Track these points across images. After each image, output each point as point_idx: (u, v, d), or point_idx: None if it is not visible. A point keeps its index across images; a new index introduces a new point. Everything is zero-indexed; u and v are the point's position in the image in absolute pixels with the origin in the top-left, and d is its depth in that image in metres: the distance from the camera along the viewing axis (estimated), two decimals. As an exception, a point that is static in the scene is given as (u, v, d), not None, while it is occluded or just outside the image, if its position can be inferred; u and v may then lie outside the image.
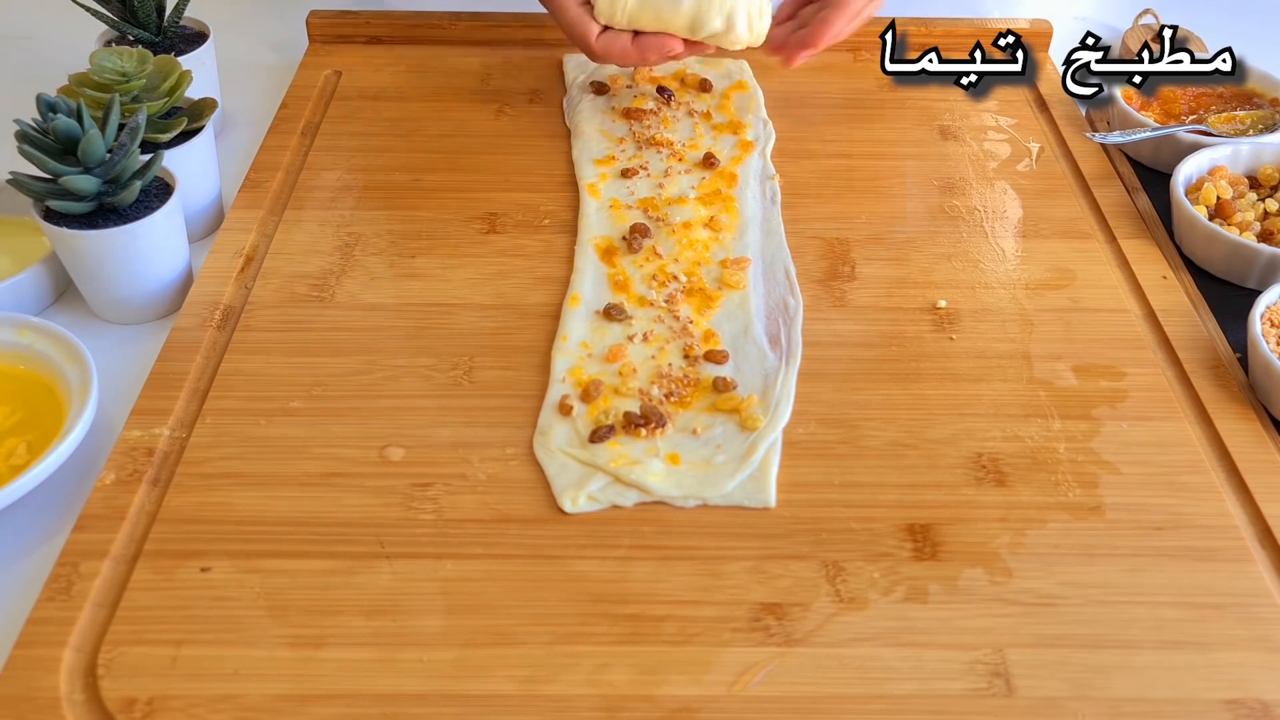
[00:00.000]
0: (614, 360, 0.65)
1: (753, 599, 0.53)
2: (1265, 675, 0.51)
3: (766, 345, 0.66)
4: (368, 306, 0.69)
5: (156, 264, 0.69)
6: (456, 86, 0.91)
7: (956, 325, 0.69)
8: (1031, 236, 0.77)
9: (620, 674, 0.50)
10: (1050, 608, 0.53)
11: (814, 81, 0.92)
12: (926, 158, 0.84)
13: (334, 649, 0.51)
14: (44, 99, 0.65)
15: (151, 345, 0.67)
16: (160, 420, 0.61)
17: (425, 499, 0.57)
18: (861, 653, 0.51)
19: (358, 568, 0.54)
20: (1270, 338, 0.64)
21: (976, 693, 0.50)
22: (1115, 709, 0.49)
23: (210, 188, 0.78)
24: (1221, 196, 0.75)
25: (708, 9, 0.77)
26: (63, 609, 0.52)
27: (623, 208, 0.77)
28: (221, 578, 0.54)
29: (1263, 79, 0.86)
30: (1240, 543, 0.57)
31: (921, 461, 0.60)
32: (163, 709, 0.48)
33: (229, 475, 0.58)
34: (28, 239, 0.72)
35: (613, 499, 0.58)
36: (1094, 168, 0.83)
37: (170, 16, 0.83)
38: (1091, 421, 0.63)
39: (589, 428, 0.61)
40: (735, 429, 0.61)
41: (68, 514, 0.57)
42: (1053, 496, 0.59)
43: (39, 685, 0.49)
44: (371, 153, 0.83)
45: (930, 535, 0.56)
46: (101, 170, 0.65)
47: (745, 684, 0.50)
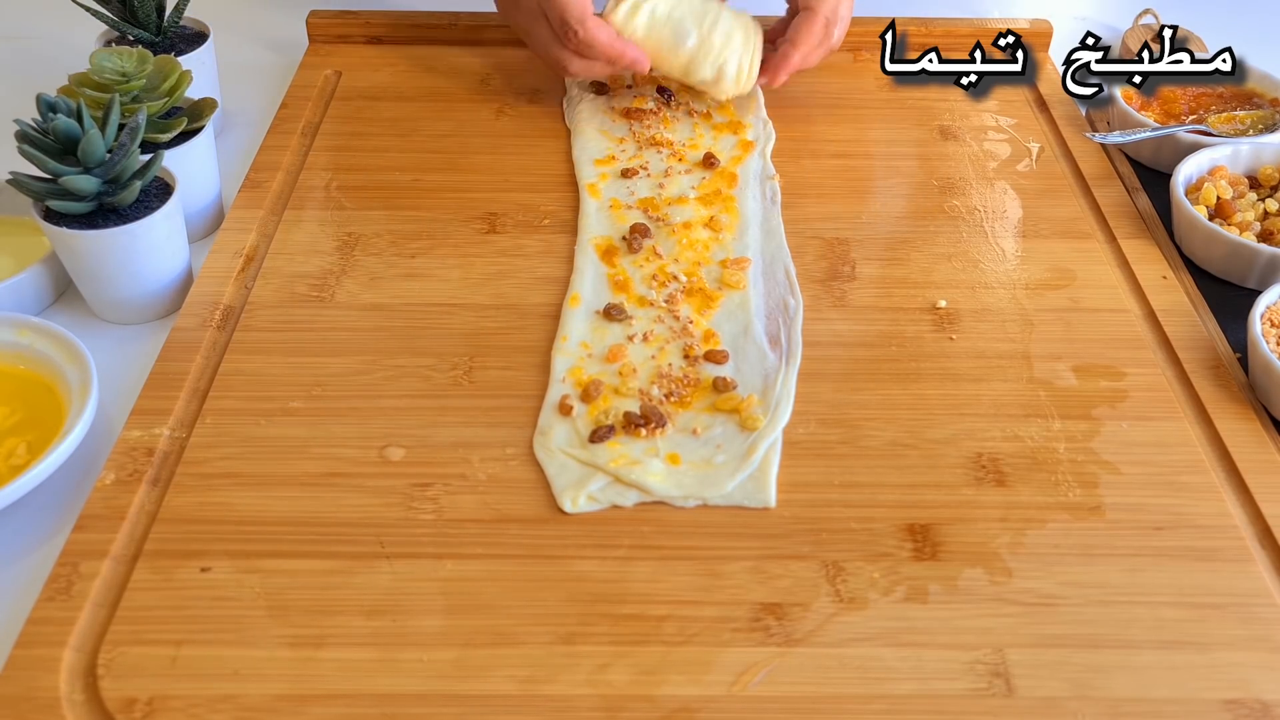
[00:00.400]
0: (614, 360, 0.65)
1: (753, 599, 0.53)
2: (1265, 675, 0.51)
3: (766, 345, 0.66)
4: (368, 306, 0.69)
5: (156, 264, 0.69)
6: (456, 86, 0.91)
7: (956, 325, 0.69)
8: (1031, 236, 0.77)
9: (620, 674, 0.50)
10: (1050, 608, 0.53)
11: (814, 81, 0.92)
12: (926, 158, 0.85)
13: (334, 649, 0.51)
14: (44, 99, 0.65)
15: (151, 345, 0.67)
16: (160, 420, 0.61)
17: (425, 499, 0.57)
18: (861, 653, 0.51)
19: (358, 568, 0.54)
20: (1270, 338, 0.64)
21: (976, 693, 0.50)
22: (1115, 709, 0.49)
23: (210, 188, 0.78)
24: (1221, 196, 0.75)
25: (702, 59, 0.82)
26: (63, 609, 0.52)
27: (623, 208, 0.77)
28: (221, 578, 0.54)
29: (1263, 79, 0.86)
30: (1240, 543, 0.57)
31: (921, 461, 0.60)
32: (163, 709, 0.48)
33: (229, 475, 0.58)
34: (28, 239, 0.72)
35: (613, 499, 0.58)
36: (1094, 168, 0.83)
37: (170, 16, 0.83)
38: (1091, 421, 0.63)
39: (589, 428, 0.61)
40: (735, 429, 0.61)
41: (68, 514, 0.57)
42: (1053, 496, 0.59)
43: (39, 685, 0.49)
44: (371, 153, 0.83)
45: (930, 535, 0.56)
46: (101, 170, 0.65)
47: (745, 684, 0.50)
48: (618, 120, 0.85)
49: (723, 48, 0.82)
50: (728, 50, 0.82)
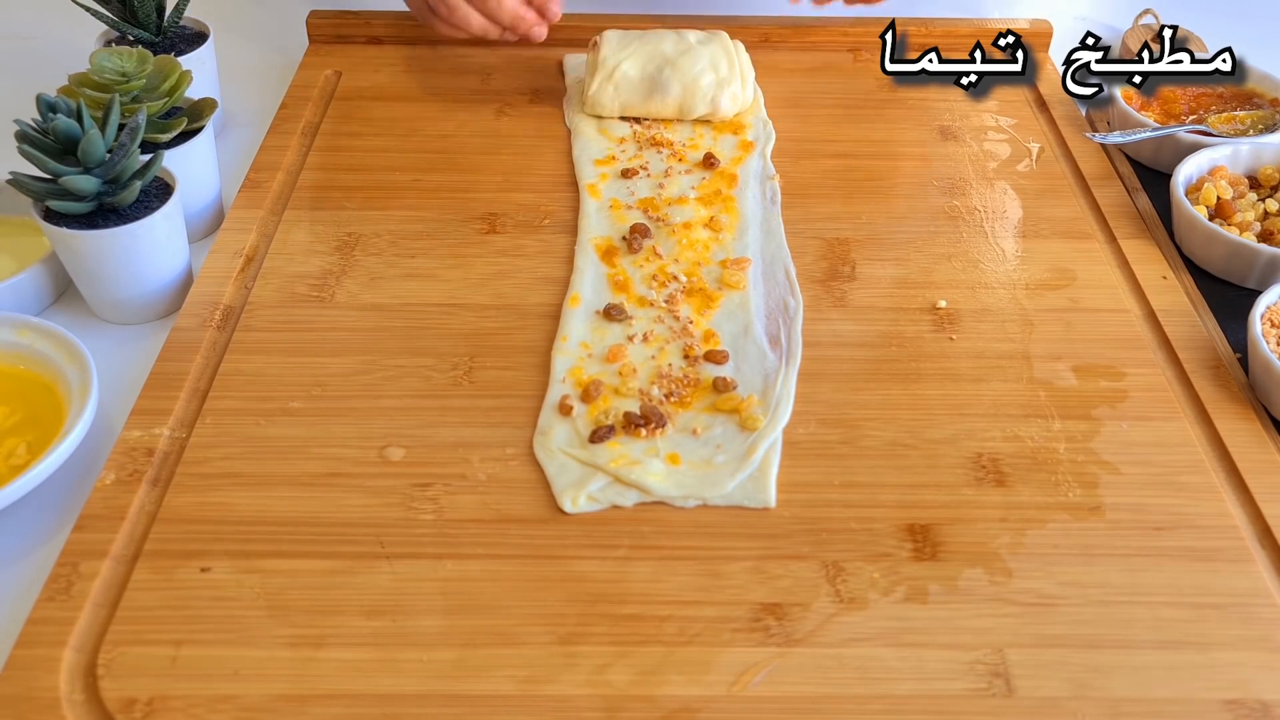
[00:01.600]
0: (614, 360, 0.65)
1: (753, 599, 0.53)
2: (1265, 675, 0.51)
3: (766, 345, 0.66)
4: (368, 306, 0.69)
5: (156, 264, 0.69)
6: (456, 86, 0.91)
7: (956, 325, 0.69)
8: (1031, 236, 0.77)
9: (620, 674, 0.50)
10: (1050, 608, 0.53)
11: (814, 81, 0.92)
12: (926, 158, 0.85)
13: (334, 649, 0.51)
14: (44, 99, 0.65)
15: (151, 345, 0.67)
16: (160, 420, 0.61)
17: (425, 499, 0.57)
18: (861, 653, 0.51)
19: (358, 568, 0.54)
20: (1270, 338, 0.64)
21: (976, 693, 0.50)
22: (1115, 709, 0.49)
23: (210, 188, 0.78)
24: (1221, 197, 0.75)
25: (691, 99, 0.84)
26: (63, 609, 0.52)
27: (623, 208, 0.77)
28: (221, 578, 0.53)
29: (1263, 79, 0.86)
30: (1240, 543, 0.57)
31: (921, 461, 0.60)
32: (162, 709, 0.48)
33: (229, 475, 0.58)
34: (28, 239, 0.72)
35: (613, 499, 0.58)
36: (1094, 168, 0.83)
37: (170, 16, 0.83)
38: (1091, 422, 0.63)
39: (589, 428, 0.61)
40: (735, 429, 0.61)
41: (68, 514, 0.57)
42: (1053, 497, 0.59)
43: (39, 685, 0.49)
44: (371, 153, 0.83)
45: (930, 535, 0.56)
46: (101, 170, 0.65)
47: (745, 684, 0.50)
48: (618, 121, 0.86)
49: (709, 82, 0.84)
50: (713, 82, 0.84)
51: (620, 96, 0.84)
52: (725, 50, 0.85)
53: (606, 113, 0.85)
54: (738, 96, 0.85)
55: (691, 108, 0.84)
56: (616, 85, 0.84)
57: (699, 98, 0.84)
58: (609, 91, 0.84)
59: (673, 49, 0.85)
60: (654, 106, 0.84)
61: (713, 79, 0.84)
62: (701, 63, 0.84)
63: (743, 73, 0.85)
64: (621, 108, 0.85)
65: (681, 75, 0.83)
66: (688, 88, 0.83)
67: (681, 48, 0.85)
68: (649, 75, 0.84)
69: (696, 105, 0.84)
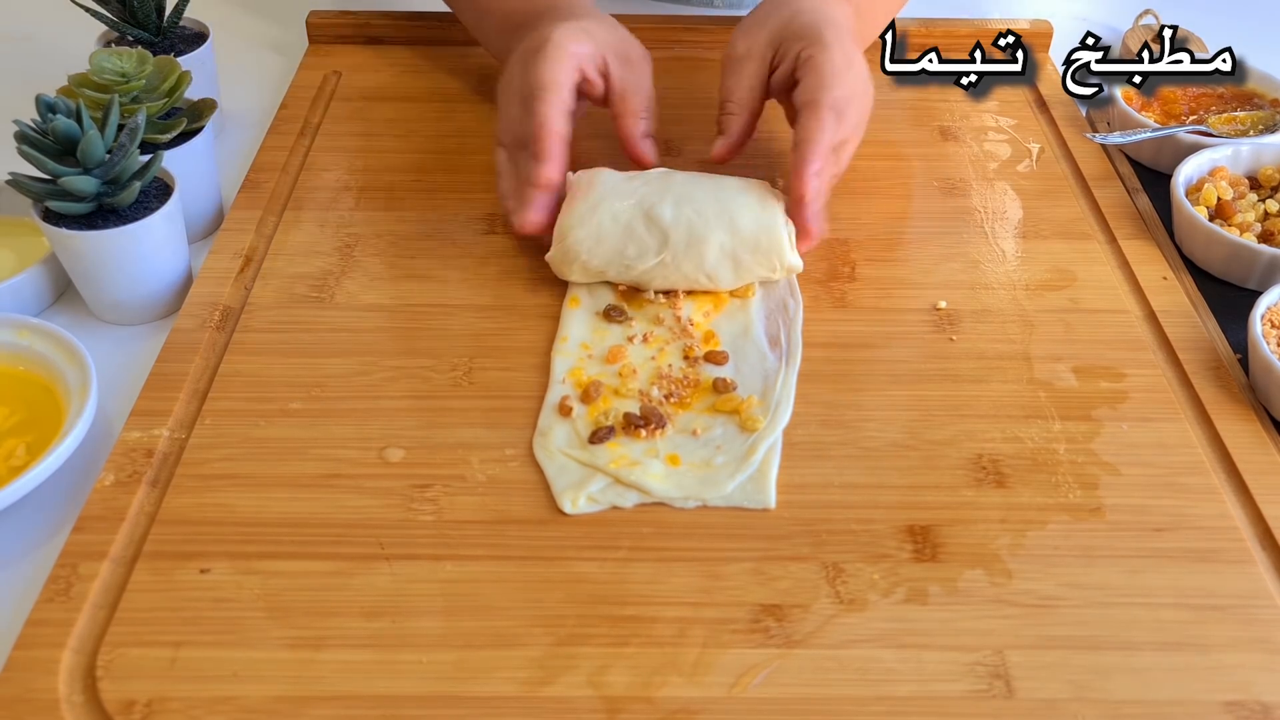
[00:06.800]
0: (614, 361, 0.65)
1: (752, 600, 0.53)
2: (1266, 677, 0.51)
3: (766, 346, 0.66)
4: (367, 307, 0.69)
5: (156, 265, 0.69)
6: (456, 86, 0.91)
7: (956, 326, 0.69)
8: (1032, 237, 0.77)
9: (620, 675, 0.50)
10: (1050, 609, 0.53)
11: (814, 82, 0.92)
12: (926, 158, 0.84)
13: (333, 651, 0.51)
14: (43, 99, 0.65)
15: (151, 346, 0.67)
16: (160, 421, 0.61)
17: (425, 500, 0.57)
18: (861, 654, 0.51)
19: (357, 569, 0.54)
20: (1271, 339, 0.64)
21: (977, 694, 0.50)
22: (1115, 711, 0.49)
23: (210, 188, 0.78)
24: (1222, 197, 0.75)
25: (695, 275, 0.68)
26: (62, 610, 0.52)
27: (623, 208, 0.77)
28: (221, 579, 0.53)
29: (1263, 79, 0.86)
30: (1241, 544, 0.56)
31: (921, 463, 0.60)
32: (162, 710, 0.48)
33: (228, 476, 0.58)
34: (28, 239, 0.72)
35: (612, 500, 0.58)
36: (1094, 168, 0.83)
37: (170, 17, 0.83)
38: (1092, 423, 0.63)
39: (589, 429, 0.60)
40: (735, 430, 0.61)
41: (67, 515, 0.57)
42: (1053, 498, 0.59)
43: (38, 687, 0.49)
44: (371, 153, 0.83)
45: (930, 536, 0.56)
46: (101, 171, 0.65)
47: (745, 685, 0.50)
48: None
49: (737, 245, 0.67)
50: (746, 246, 0.68)
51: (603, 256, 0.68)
52: (760, 200, 0.69)
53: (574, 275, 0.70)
54: (780, 266, 0.69)
55: (718, 278, 0.69)
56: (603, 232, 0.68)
57: (703, 275, 0.68)
58: (587, 250, 0.68)
59: (686, 186, 0.69)
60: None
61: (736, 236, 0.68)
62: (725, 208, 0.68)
63: (790, 240, 0.69)
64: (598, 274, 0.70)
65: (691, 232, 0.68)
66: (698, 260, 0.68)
67: (690, 189, 0.69)
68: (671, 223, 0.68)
69: (700, 280, 0.69)
